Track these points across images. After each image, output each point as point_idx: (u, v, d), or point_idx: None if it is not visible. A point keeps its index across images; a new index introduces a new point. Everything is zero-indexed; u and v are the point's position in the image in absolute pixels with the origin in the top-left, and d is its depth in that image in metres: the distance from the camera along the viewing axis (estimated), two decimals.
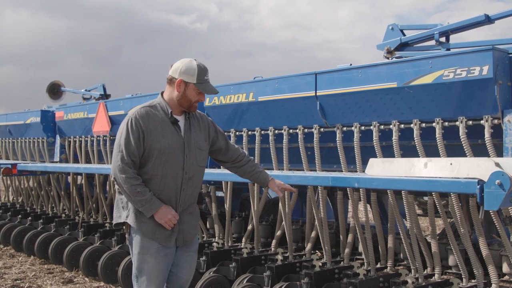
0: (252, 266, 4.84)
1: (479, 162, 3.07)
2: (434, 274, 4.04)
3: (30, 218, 8.28)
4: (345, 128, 4.29)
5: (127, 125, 3.08)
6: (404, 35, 5.14)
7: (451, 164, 3.23)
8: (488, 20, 4.66)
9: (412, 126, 3.84)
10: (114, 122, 6.71)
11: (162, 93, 3.24)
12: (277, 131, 4.79)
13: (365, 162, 3.90)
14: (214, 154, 3.47)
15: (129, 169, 3.04)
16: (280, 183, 3.48)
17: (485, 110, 3.50)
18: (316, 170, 4.50)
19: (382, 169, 3.64)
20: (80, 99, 9.73)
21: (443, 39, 4.94)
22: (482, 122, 3.52)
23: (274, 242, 5.18)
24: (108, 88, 9.10)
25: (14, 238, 7.53)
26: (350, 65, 4.24)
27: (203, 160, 3.30)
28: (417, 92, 3.76)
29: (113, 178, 3.12)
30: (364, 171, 3.90)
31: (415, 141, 3.81)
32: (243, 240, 5.37)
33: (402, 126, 3.92)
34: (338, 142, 4.32)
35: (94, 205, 7.70)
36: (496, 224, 3.54)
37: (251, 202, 5.09)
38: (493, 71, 3.38)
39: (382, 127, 4.04)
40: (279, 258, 4.80)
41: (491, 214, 3.51)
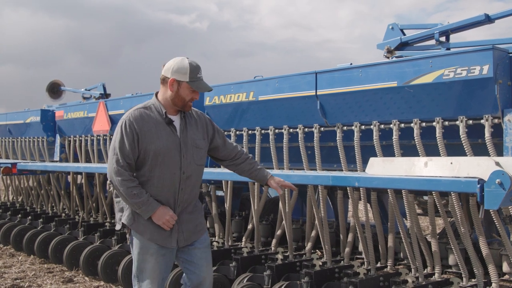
0: (252, 266, 4.84)
1: (479, 161, 3.07)
2: (434, 274, 4.04)
3: (30, 217, 8.26)
4: (345, 127, 4.29)
5: (121, 128, 3.08)
6: (404, 35, 5.14)
7: (451, 163, 3.23)
8: (488, 19, 4.65)
9: (412, 125, 3.84)
10: (114, 121, 6.71)
11: (156, 93, 3.23)
12: (277, 131, 4.79)
13: (365, 162, 3.90)
14: (212, 152, 3.46)
15: (124, 171, 3.03)
16: (280, 180, 3.47)
17: (485, 109, 3.51)
18: (316, 170, 4.50)
19: (382, 168, 3.64)
20: (80, 99, 9.73)
21: (443, 39, 4.93)
22: (482, 121, 3.52)
23: (274, 242, 5.18)
24: (108, 87, 9.11)
25: (14, 237, 7.51)
26: (351, 64, 4.24)
27: (201, 158, 3.29)
28: (417, 91, 3.76)
29: (109, 181, 3.13)
30: (364, 171, 3.90)
31: (415, 140, 3.81)
32: (243, 239, 5.37)
33: (402, 125, 3.92)
34: (338, 141, 4.32)
35: (94, 204, 7.69)
36: (496, 223, 3.53)
37: (251, 202, 5.09)
38: (493, 71, 3.38)
39: (382, 127, 4.04)
40: (279, 257, 4.80)
41: (491, 213, 3.51)
